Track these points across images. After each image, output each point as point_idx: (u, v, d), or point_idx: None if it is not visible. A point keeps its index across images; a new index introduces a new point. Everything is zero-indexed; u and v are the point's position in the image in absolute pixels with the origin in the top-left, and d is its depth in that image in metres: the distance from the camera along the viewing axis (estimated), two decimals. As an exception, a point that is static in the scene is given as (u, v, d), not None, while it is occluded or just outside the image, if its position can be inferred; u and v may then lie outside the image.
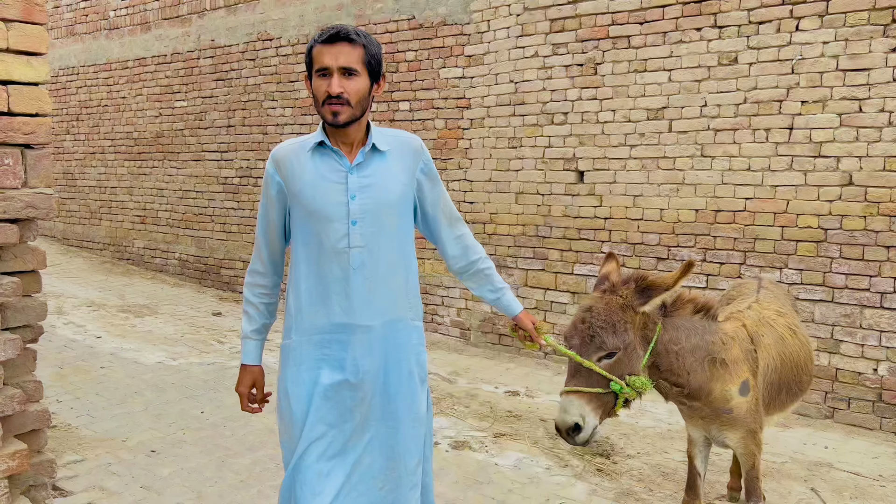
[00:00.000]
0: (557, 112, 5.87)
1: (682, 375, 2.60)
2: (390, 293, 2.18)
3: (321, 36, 2.06)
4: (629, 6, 5.42)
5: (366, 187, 2.11)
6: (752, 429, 2.75)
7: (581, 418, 2.40)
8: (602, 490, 3.76)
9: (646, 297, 2.51)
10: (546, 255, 6.06)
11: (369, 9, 7.02)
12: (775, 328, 2.97)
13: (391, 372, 2.19)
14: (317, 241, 2.12)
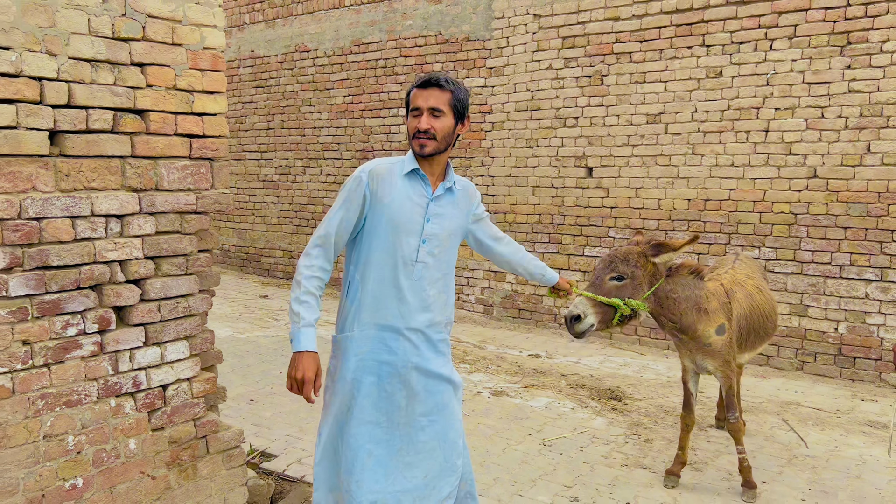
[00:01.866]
0: (569, 116, 6.83)
1: (677, 315, 3.51)
2: (436, 303, 2.55)
3: (418, 81, 2.46)
4: (631, 27, 6.38)
5: (438, 215, 2.50)
6: (727, 359, 3.64)
7: (583, 313, 3.22)
8: (617, 423, 4.74)
9: (657, 251, 3.38)
10: (560, 240, 7.03)
11: (399, 25, 7.95)
12: (745, 287, 3.88)
13: (432, 373, 2.56)
14: (391, 251, 2.45)
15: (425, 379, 2.54)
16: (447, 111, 2.42)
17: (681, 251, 3.36)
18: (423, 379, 2.53)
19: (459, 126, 2.50)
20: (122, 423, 2.97)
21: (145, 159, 3.00)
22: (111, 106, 2.86)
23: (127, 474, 3.00)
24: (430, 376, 2.54)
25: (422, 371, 2.53)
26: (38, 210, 2.67)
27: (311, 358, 2.37)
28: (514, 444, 4.34)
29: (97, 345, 2.88)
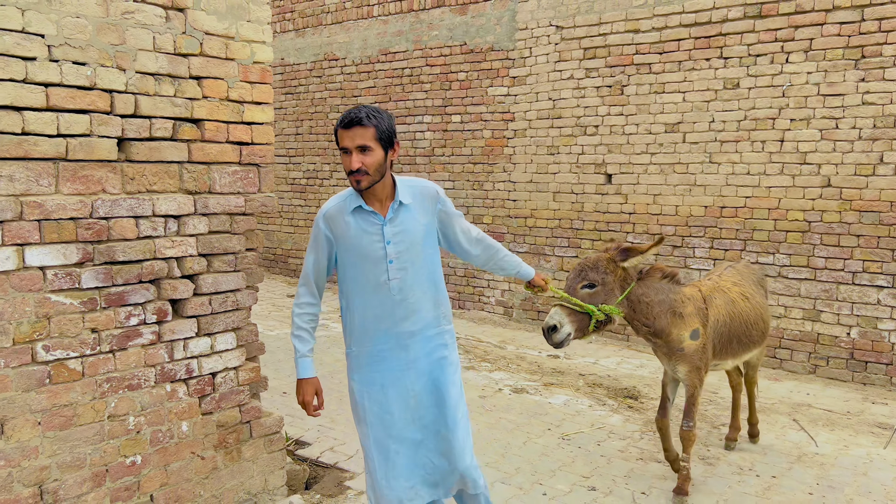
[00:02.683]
0: (589, 125, 7.04)
1: (651, 319, 3.56)
2: (423, 307, 2.72)
3: (341, 121, 2.55)
4: (650, 39, 6.59)
5: (397, 233, 2.64)
6: (698, 366, 3.66)
7: (559, 323, 3.28)
8: (633, 420, 4.94)
9: (625, 256, 3.45)
10: (579, 245, 7.24)
11: (425, 35, 8.21)
12: (727, 294, 3.89)
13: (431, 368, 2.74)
14: (364, 278, 2.66)
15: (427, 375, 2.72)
16: (374, 145, 2.50)
17: (648, 254, 3.43)
18: (423, 378, 2.72)
19: (390, 153, 2.59)
20: (175, 406, 3.24)
21: (200, 164, 3.27)
22: (171, 116, 3.14)
23: (179, 454, 3.26)
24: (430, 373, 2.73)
25: (428, 367, 2.72)
26: (107, 210, 2.94)
27: (309, 383, 2.73)
28: (534, 438, 4.56)
29: (155, 334, 3.15)
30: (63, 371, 2.84)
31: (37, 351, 2.76)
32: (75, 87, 2.82)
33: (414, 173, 8.54)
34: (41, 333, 2.77)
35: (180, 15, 3.13)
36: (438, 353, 2.76)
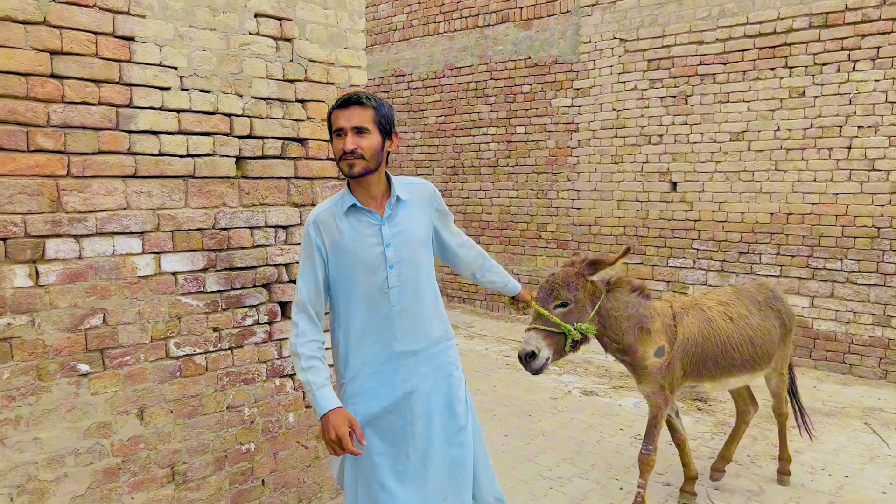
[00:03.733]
0: (653, 134, 7.19)
1: (619, 335, 3.39)
2: (427, 320, 2.45)
3: (337, 102, 2.33)
4: (715, 50, 6.71)
5: (397, 234, 2.38)
6: (661, 385, 3.47)
7: (537, 348, 3.10)
8: (702, 421, 5.08)
9: (593, 269, 3.28)
10: (644, 251, 7.38)
11: (490, 50, 8.49)
12: (706, 312, 3.64)
13: (436, 390, 2.47)
14: (360, 289, 2.36)
15: (431, 401, 2.46)
16: (372, 128, 2.30)
17: (615, 265, 3.29)
18: (428, 401, 2.45)
19: (388, 143, 2.38)
20: (283, 399, 3.56)
21: (305, 179, 3.60)
22: (280, 136, 3.47)
23: (286, 443, 3.58)
24: (435, 397, 2.47)
25: (425, 394, 2.45)
26: (227, 221, 3.29)
27: (338, 414, 2.26)
28: (606, 437, 4.75)
29: (267, 333, 3.48)
30: (191, 365, 3.19)
31: (169, 347, 3.11)
32: (201, 112, 3.17)
33: (479, 183, 8.81)
34: (173, 331, 3.12)
35: (288, 45, 3.47)
36: (445, 376, 2.51)
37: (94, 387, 2.88)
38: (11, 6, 2.60)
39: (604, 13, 7.43)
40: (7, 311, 2.64)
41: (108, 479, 2.94)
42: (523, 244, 8.44)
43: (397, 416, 2.40)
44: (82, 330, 2.84)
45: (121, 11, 2.88)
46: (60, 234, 2.77)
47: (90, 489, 2.89)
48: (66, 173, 2.78)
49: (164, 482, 3.12)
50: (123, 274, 2.95)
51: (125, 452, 2.98)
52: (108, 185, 2.89)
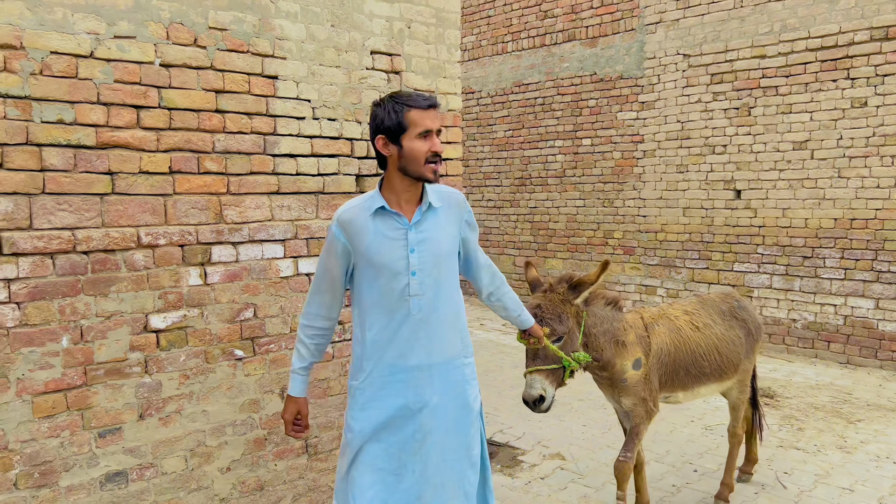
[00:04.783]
0: (717, 144, 7.51)
1: (599, 351, 3.27)
2: (445, 334, 2.36)
3: (417, 102, 2.25)
4: (777, 63, 7.02)
5: (422, 241, 2.30)
6: (643, 397, 3.40)
7: (543, 391, 3.03)
8: (770, 415, 5.39)
9: (577, 291, 3.17)
10: (709, 257, 7.69)
11: (557, 67, 8.94)
12: (674, 322, 3.60)
13: (447, 406, 2.37)
14: (381, 293, 2.29)
15: (441, 418, 2.36)
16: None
17: (598, 283, 3.21)
18: (438, 418, 2.36)
19: None
20: (393, 385, 4.07)
21: (410, 193, 4.12)
22: (390, 155, 4.00)
23: (396, 424, 4.09)
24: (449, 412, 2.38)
25: (437, 409, 2.35)
26: (349, 230, 3.83)
27: (293, 402, 2.45)
28: (679, 428, 5.11)
29: (380, 327, 4.00)
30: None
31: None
32: (329, 137, 3.73)
33: (546, 193, 9.25)
34: (306, 324, 3.67)
35: (397, 76, 4.00)
36: (457, 393, 2.41)
37: (247, 369, 3.44)
38: (187, 55, 3.19)
39: (668, 30, 7.80)
40: (184, 304, 3.23)
41: (258, 448, 3.49)
42: (590, 251, 8.82)
43: (404, 431, 2.33)
44: (238, 321, 3.40)
45: (267, 55, 3.45)
46: (222, 242, 3.35)
47: (244, 455, 3.44)
48: (226, 191, 3.35)
49: (300, 453, 3.66)
50: (269, 275, 3.51)
51: (270, 426, 3.53)
52: (257, 201, 3.46)
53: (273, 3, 3.45)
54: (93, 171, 2.96)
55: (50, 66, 2.83)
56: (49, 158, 2.85)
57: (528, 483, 4.20)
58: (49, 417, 2.88)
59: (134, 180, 3.07)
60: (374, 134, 2.31)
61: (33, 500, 2.85)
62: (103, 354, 3.01)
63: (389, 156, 2.28)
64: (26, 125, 2.79)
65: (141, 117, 3.08)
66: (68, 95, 2.88)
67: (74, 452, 2.95)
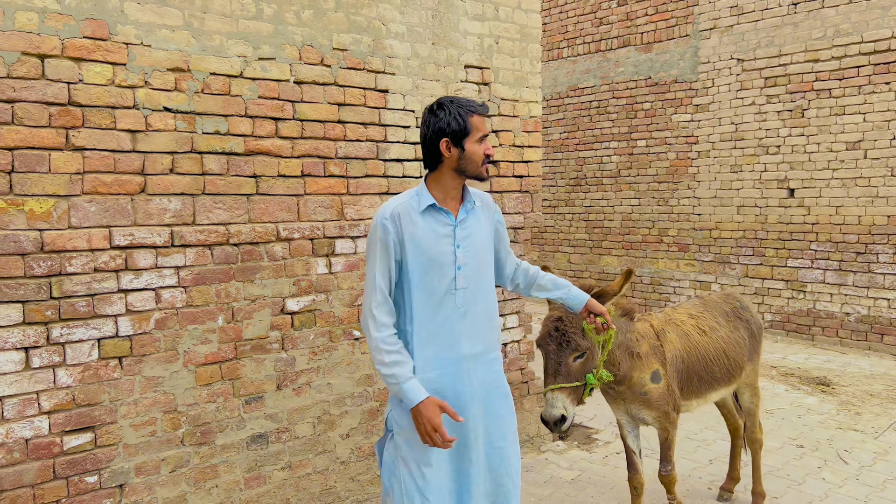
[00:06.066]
0: (771, 145, 7.80)
1: (616, 365, 3.12)
2: (486, 325, 2.46)
3: (477, 108, 2.38)
4: (830, 67, 7.29)
5: (466, 237, 2.40)
6: (665, 410, 3.28)
7: (565, 410, 2.81)
8: (828, 401, 5.70)
9: (600, 302, 2.85)
10: (763, 253, 7.98)
11: (612, 71, 9.29)
12: (681, 327, 3.48)
13: (492, 395, 2.46)
14: (429, 287, 2.36)
15: (490, 404, 2.46)
16: None
17: (622, 293, 2.98)
18: (488, 405, 2.45)
19: None
20: (483, 366, 4.50)
21: (496, 193, 4.54)
22: (480, 159, 4.43)
23: (485, 401, 4.51)
24: (495, 401, 2.48)
25: (486, 398, 2.45)
26: (446, 226, 4.27)
27: (431, 403, 2.25)
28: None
29: (472, 313, 4.43)
30: (422, 336, 4.18)
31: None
32: (428, 143, 4.18)
33: (601, 193, 9.61)
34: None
35: (487, 87, 4.44)
36: (499, 383, 2.51)
37: (363, 348, 3.91)
38: (316, 73, 3.67)
39: (722, 36, 8.11)
40: (313, 290, 3.70)
41: (371, 418, 3.95)
42: (645, 248, 9.16)
43: (461, 423, 2.35)
44: (356, 306, 3.87)
45: (379, 71, 3.92)
46: (343, 236, 3.82)
47: (360, 423, 3.91)
48: (346, 192, 3.83)
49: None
50: (381, 265, 3.97)
51: (381, 398, 3.99)
52: (371, 200, 3.92)
53: (384, 25, 3.91)
54: (241, 175, 3.45)
55: (209, 85, 3.33)
56: (208, 164, 3.35)
57: (605, 457, 4.60)
58: (207, 385, 3.38)
59: (273, 182, 3.56)
60: (436, 136, 2.34)
61: (195, 455, 3.35)
62: (250, 332, 3.50)
63: (448, 157, 2.36)
64: (191, 136, 3.29)
65: (279, 128, 3.57)
66: (223, 110, 3.38)
67: (227, 416, 3.44)
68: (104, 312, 3.07)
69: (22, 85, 2.85)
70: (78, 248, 2.99)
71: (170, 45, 3.20)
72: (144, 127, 3.15)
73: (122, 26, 3.07)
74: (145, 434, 3.20)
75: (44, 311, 2.92)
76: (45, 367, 2.94)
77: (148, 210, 3.18)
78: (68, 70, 2.95)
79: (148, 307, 3.19)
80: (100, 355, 3.07)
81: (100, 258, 3.05)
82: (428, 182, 2.42)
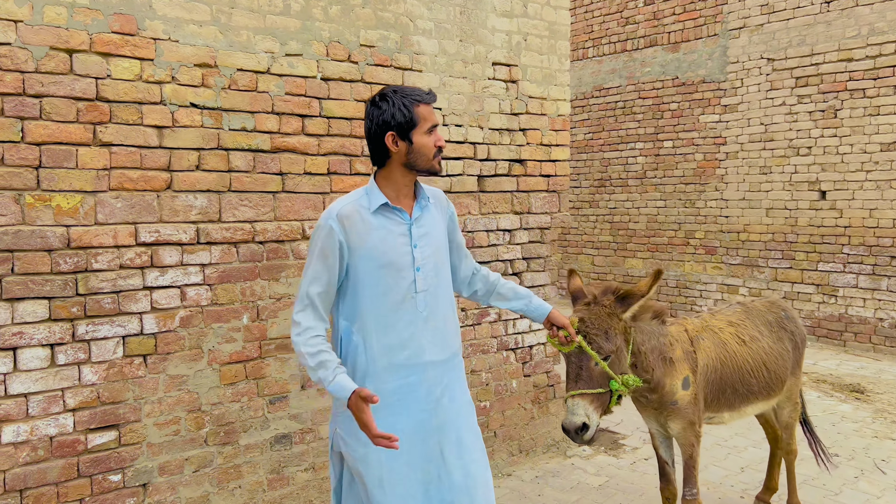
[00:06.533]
0: (802, 146, 7.64)
1: (650, 371, 2.95)
2: (449, 328, 2.31)
3: (423, 97, 2.19)
4: (864, 66, 7.12)
5: (423, 236, 2.24)
6: (692, 420, 3.10)
7: (587, 417, 2.63)
8: (862, 409, 5.55)
9: (626, 304, 2.79)
10: (793, 256, 7.82)
11: (638, 71, 9.18)
12: (718, 334, 3.30)
13: (457, 401, 2.30)
14: (386, 292, 2.17)
15: (458, 414, 2.30)
16: None
17: (650, 294, 2.83)
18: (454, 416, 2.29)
19: None
20: (508, 368, 4.43)
21: (523, 192, 4.47)
22: (507, 158, 4.36)
23: (510, 404, 4.44)
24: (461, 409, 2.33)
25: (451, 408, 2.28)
26: (472, 226, 4.20)
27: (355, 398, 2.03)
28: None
29: (497, 314, 4.36)
30: (447, 337, 4.12)
31: (433, 322, 4.05)
32: (455, 141, 4.11)
33: (626, 194, 9.48)
34: (436, 310, 4.06)
35: (514, 85, 4.37)
36: (464, 390, 2.37)
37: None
38: (343, 70, 3.62)
39: (751, 35, 7.97)
40: (338, 289, 3.65)
41: (396, 420, 3.89)
42: (671, 251, 9.02)
43: (425, 434, 2.21)
44: (381, 306, 3.81)
45: (407, 68, 3.86)
46: (369, 235, 3.77)
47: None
48: (372, 190, 3.77)
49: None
50: (407, 265, 3.91)
51: (405, 400, 3.93)
52: (397, 198, 3.87)
53: (412, 21, 3.86)
54: (267, 172, 3.41)
55: (236, 81, 3.30)
56: (234, 161, 3.31)
57: (633, 463, 4.50)
58: (232, 385, 3.34)
59: (299, 180, 3.51)
60: (380, 130, 2.17)
61: (219, 455, 3.31)
62: (274, 331, 3.46)
63: (396, 152, 2.18)
64: (217, 132, 3.26)
65: (305, 125, 3.53)
66: (249, 106, 3.35)
67: (251, 416, 3.40)
68: (129, 310, 3.04)
69: (50, 80, 2.83)
70: (104, 245, 2.97)
71: (197, 40, 3.17)
72: (171, 123, 3.12)
73: (150, 21, 3.04)
74: (169, 433, 3.17)
75: (69, 307, 2.90)
76: (70, 364, 2.91)
77: (174, 207, 3.15)
78: (96, 65, 2.93)
79: (173, 305, 3.16)
80: (124, 353, 3.04)
81: (125, 255, 3.03)
82: (378, 180, 2.25)
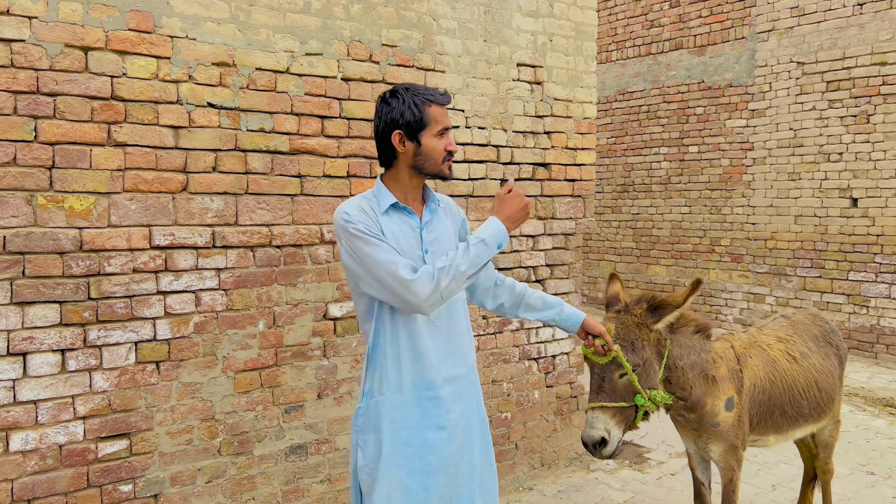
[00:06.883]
0: (833, 152, 7.44)
1: (687, 389, 2.79)
2: (465, 339, 2.19)
3: (437, 97, 2.08)
4: (898, 70, 6.92)
5: (434, 241, 2.12)
6: (734, 444, 2.92)
7: (607, 432, 2.50)
8: (896, 424, 5.36)
9: (658, 315, 2.65)
10: (822, 265, 7.61)
11: (663, 75, 9.01)
12: (767, 352, 3.11)
13: (474, 418, 2.19)
14: None
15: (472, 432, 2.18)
16: None
17: (686, 305, 2.69)
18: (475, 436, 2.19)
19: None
20: (531, 378, 4.30)
21: (547, 197, 4.34)
22: (531, 161, 4.24)
23: (533, 415, 4.31)
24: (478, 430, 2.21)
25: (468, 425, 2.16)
26: (495, 231, 4.08)
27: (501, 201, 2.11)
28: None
29: (519, 322, 4.23)
30: (468, 345, 4.00)
31: (454, 330, 3.94)
32: (478, 144, 4.00)
33: (650, 200, 9.31)
34: (456, 318, 3.94)
35: (539, 87, 4.25)
36: (480, 406, 2.24)
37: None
38: (364, 70, 3.52)
39: (780, 38, 7.78)
40: (357, 295, 3.55)
41: (414, 430, 3.78)
42: (695, 258, 8.83)
43: (446, 452, 2.09)
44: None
45: (429, 69, 3.76)
46: (389, 239, 3.66)
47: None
48: (393, 193, 3.67)
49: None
50: (427, 271, 3.80)
51: (425, 410, 3.81)
52: (418, 202, 3.76)
53: (435, 21, 3.76)
54: (286, 175, 3.32)
55: (255, 80, 3.21)
56: (252, 162, 3.22)
57: (659, 478, 4.35)
58: (246, 393, 3.25)
59: (318, 183, 3.42)
60: (388, 128, 2.06)
61: (233, 466, 3.22)
62: (291, 338, 3.36)
63: (403, 152, 2.08)
64: (235, 133, 3.17)
65: (325, 126, 3.43)
66: (268, 106, 3.25)
67: (266, 425, 3.30)
68: (142, 315, 2.96)
69: (65, 78, 2.76)
70: (117, 248, 2.89)
71: (215, 38, 3.08)
72: (187, 123, 3.04)
73: (167, 18, 2.96)
74: (181, 442, 3.08)
75: (81, 312, 2.81)
76: (81, 370, 2.83)
77: (189, 209, 3.06)
78: (112, 63, 2.85)
79: (187, 310, 3.08)
80: (137, 359, 2.96)
81: (139, 258, 2.95)
82: (385, 181, 2.13)
